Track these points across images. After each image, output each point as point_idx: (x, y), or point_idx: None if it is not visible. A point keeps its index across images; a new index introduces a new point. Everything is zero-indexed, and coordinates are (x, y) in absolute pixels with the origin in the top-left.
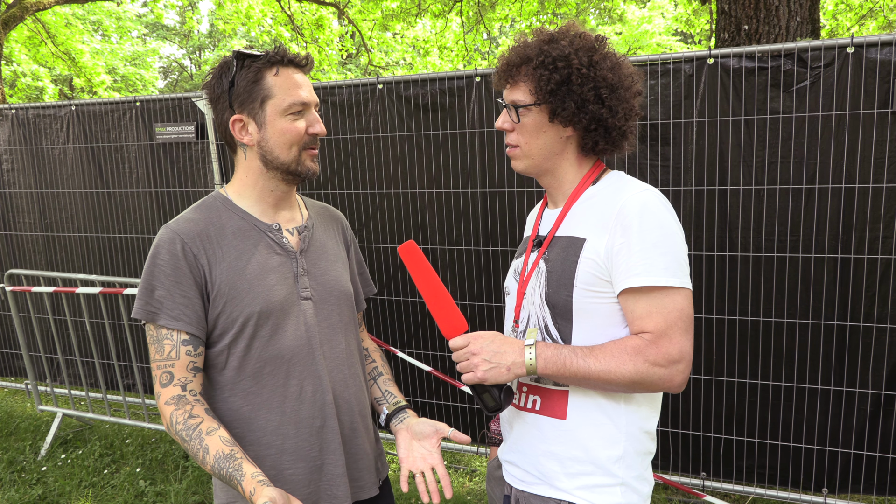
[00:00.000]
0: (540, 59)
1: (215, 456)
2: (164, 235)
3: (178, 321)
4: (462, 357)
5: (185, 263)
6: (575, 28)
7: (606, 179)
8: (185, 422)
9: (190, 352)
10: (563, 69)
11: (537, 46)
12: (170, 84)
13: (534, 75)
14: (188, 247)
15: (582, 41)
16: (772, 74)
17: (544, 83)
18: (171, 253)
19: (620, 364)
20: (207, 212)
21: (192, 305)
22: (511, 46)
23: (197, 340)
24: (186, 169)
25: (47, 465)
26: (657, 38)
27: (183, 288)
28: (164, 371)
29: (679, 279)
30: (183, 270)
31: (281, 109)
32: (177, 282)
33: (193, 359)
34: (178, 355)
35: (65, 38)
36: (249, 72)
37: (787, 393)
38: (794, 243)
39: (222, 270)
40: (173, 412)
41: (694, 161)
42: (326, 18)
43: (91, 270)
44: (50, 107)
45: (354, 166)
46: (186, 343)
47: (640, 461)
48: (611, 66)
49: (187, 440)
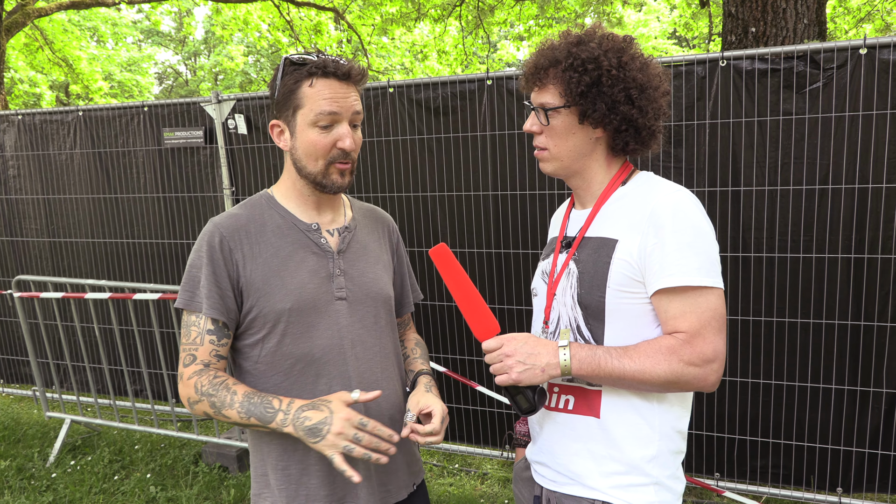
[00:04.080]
0: (569, 62)
1: (244, 394)
2: (207, 229)
3: (212, 310)
4: (496, 359)
5: (221, 256)
6: (602, 29)
7: (636, 180)
8: (211, 381)
9: (213, 340)
10: (592, 71)
11: (566, 49)
12: (165, 90)
13: (563, 78)
14: (226, 241)
15: (610, 42)
16: (784, 76)
17: (574, 85)
18: (209, 245)
19: (655, 364)
20: (251, 209)
21: (223, 296)
22: (537, 49)
23: (222, 330)
24: (195, 174)
25: (57, 472)
26: (653, 41)
27: (217, 279)
28: (188, 354)
29: (712, 279)
30: (218, 263)
31: (308, 120)
32: (212, 272)
33: (216, 347)
34: (202, 342)
35: (62, 44)
36: (290, 79)
37: (801, 392)
38: (807, 243)
39: (257, 266)
40: (197, 379)
41: (707, 162)
42: (324, 24)
43: (99, 276)
44: (57, 112)
45: (366, 170)
46: (211, 332)
47: (672, 460)
48: (640, 67)
49: (213, 394)
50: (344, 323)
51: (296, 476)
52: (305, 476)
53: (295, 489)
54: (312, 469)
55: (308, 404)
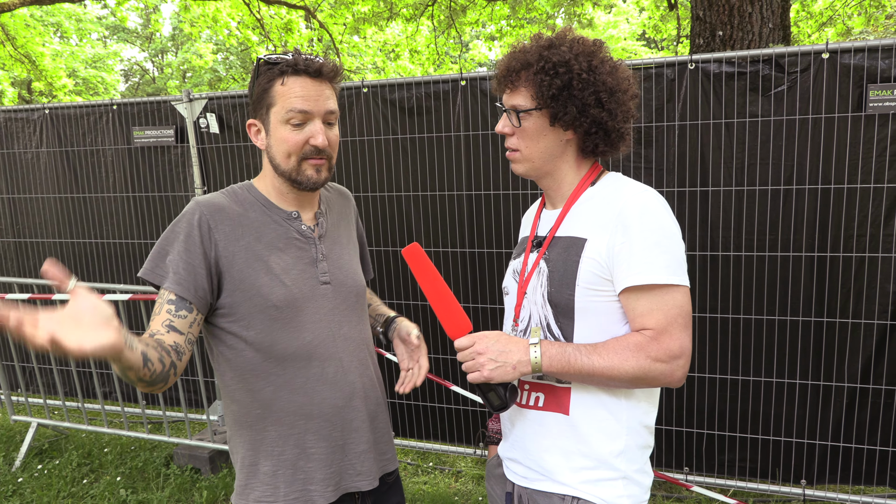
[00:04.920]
0: (540, 65)
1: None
2: (189, 207)
3: (178, 285)
4: (468, 357)
5: (199, 233)
6: (573, 33)
7: (605, 181)
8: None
9: (171, 310)
10: (563, 74)
11: (537, 52)
12: (131, 87)
13: (534, 80)
14: (205, 218)
15: (581, 46)
16: (750, 79)
17: (545, 88)
18: (188, 222)
19: (623, 360)
20: (233, 193)
21: (194, 274)
22: (510, 52)
23: (184, 304)
24: (166, 173)
25: (23, 477)
26: (622, 42)
27: (190, 255)
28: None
29: (679, 277)
30: (194, 239)
31: (280, 118)
32: (187, 249)
33: (172, 318)
34: (159, 311)
35: (24, 39)
36: (264, 79)
37: (766, 387)
38: (772, 242)
39: (239, 248)
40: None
41: (676, 163)
42: (295, 22)
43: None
44: (22, 110)
45: (339, 169)
46: (171, 303)
47: (640, 455)
48: (609, 70)
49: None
50: (330, 306)
51: (292, 460)
52: (302, 459)
53: (292, 473)
54: (309, 452)
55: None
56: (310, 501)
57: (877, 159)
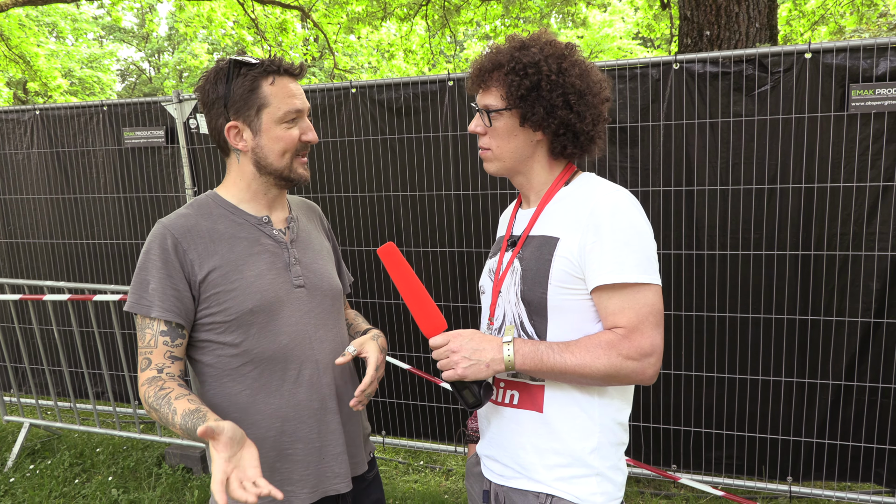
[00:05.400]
0: (511, 66)
1: (183, 413)
2: (156, 231)
3: (169, 313)
4: (442, 355)
5: (176, 258)
6: (547, 35)
7: (578, 181)
8: (156, 394)
9: (167, 342)
10: (533, 75)
11: (509, 53)
12: (128, 87)
13: (505, 81)
14: (179, 242)
15: (552, 48)
16: (734, 79)
17: (515, 89)
18: (161, 248)
19: (595, 358)
20: (199, 208)
21: (179, 297)
22: (484, 52)
23: (176, 331)
24: (156, 174)
25: (15, 477)
26: (618, 41)
27: (172, 280)
28: (143, 357)
29: (649, 276)
30: (173, 265)
31: (276, 118)
32: (168, 276)
33: (170, 349)
34: (156, 344)
35: (19, 40)
36: (246, 80)
37: (752, 385)
38: (757, 241)
39: (214, 263)
40: (146, 390)
41: (661, 162)
42: (290, 22)
43: (58, 277)
44: (13, 111)
45: (328, 170)
46: (164, 334)
47: (614, 451)
48: (579, 73)
49: (157, 409)
50: (305, 310)
51: (269, 462)
52: (280, 461)
53: (269, 475)
54: (287, 454)
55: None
56: (287, 503)
57: (859, 158)
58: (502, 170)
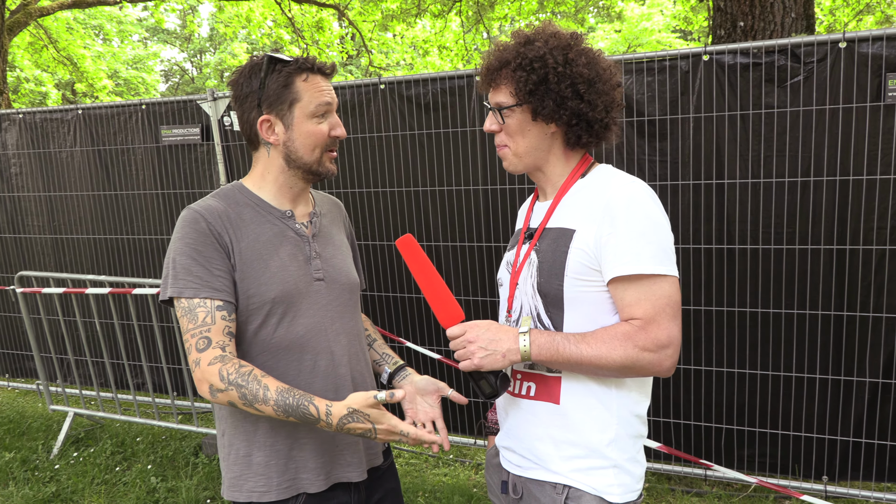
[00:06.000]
0: (517, 62)
1: (277, 390)
2: (187, 216)
3: (218, 292)
4: (459, 345)
5: (213, 238)
6: (551, 28)
7: (594, 173)
8: (238, 371)
9: (225, 317)
10: (539, 69)
11: (514, 49)
12: (171, 87)
13: (513, 77)
14: (212, 224)
15: (557, 40)
16: (766, 70)
17: (523, 84)
18: (197, 231)
19: (611, 350)
20: (225, 198)
21: (225, 277)
22: (489, 51)
23: (231, 307)
24: (192, 170)
25: (60, 464)
26: (656, 35)
27: (215, 262)
28: (200, 338)
29: (666, 267)
30: (212, 244)
31: (308, 112)
32: (208, 257)
33: (228, 323)
34: (213, 320)
35: (66, 42)
36: (280, 76)
37: (786, 382)
38: (790, 235)
39: (241, 250)
40: (221, 367)
41: (691, 156)
42: (327, 20)
43: (99, 271)
44: (57, 111)
45: (357, 165)
46: (221, 308)
47: (632, 444)
48: (586, 62)
49: (244, 385)
50: (323, 302)
51: (285, 451)
52: (294, 449)
53: (284, 463)
54: (301, 441)
55: (347, 415)
56: (300, 489)
57: None
58: (520, 166)
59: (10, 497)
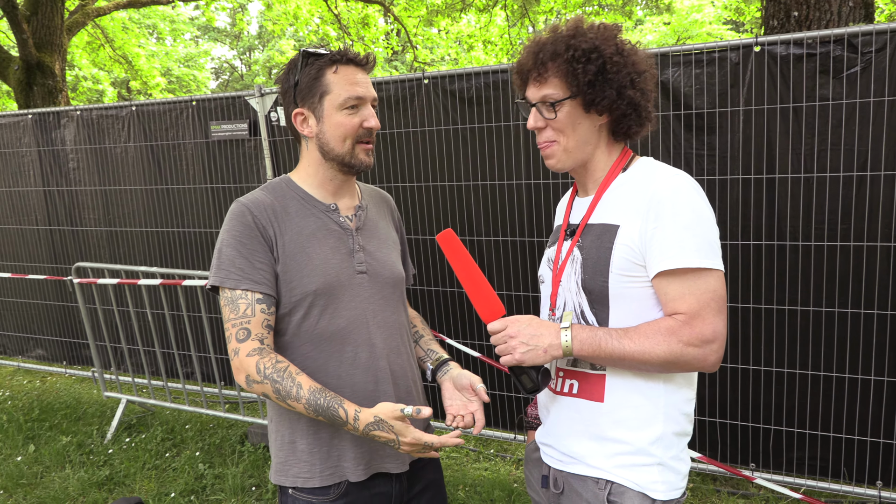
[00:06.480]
0: (570, 53)
1: (310, 389)
2: (235, 209)
3: (259, 284)
4: (500, 340)
5: (258, 232)
6: (588, 21)
7: (636, 166)
8: (275, 366)
9: (264, 310)
10: (596, 59)
11: (565, 41)
12: (221, 84)
13: (567, 69)
14: (257, 218)
15: (605, 30)
16: (821, 61)
17: (581, 75)
18: (243, 224)
19: (655, 345)
20: (272, 191)
21: (266, 270)
22: (530, 46)
23: (270, 300)
24: (240, 165)
25: (113, 448)
26: (707, 27)
27: (258, 255)
28: (240, 328)
29: (711, 261)
30: (256, 238)
31: (337, 104)
32: (252, 249)
33: (267, 317)
34: (253, 312)
35: (122, 42)
36: (312, 69)
37: (838, 384)
38: (844, 232)
39: (285, 243)
40: (259, 360)
41: (741, 150)
42: (372, 16)
43: (151, 263)
44: (112, 108)
45: (401, 160)
46: (261, 301)
47: (677, 442)
48: (631, 51)
49: (279, 381)
50: (365, 295)
51: (327, 439)
52: (336, 438)
53: (327, 451)
54: (342, 431)
55: (373, 423)
56: (343, 477)
57: None
58: (569, 162)
59: (66, 479)
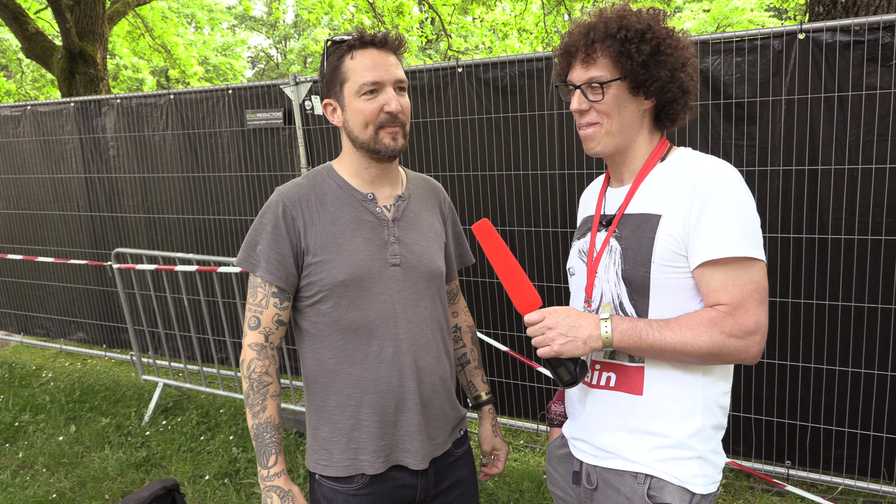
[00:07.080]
0: (622, 34)
1: (267, 418)
2: (273, 198)
3: (272, 275)
4: (537, 332)
5: (284, 225)
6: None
7: (675, 155)
8: (260, 377)
9: (277, 304)
10: (651, 40)
11: (616, 22)
12: (257, 73)
13: (620, 50)
14: (288, 210)
15: (653, 12)
16: (868, 48)
17: (635, 55)
18: (274, 214)
19: (697, 336)
20: (313, 179)
21: (284, 263)
22: (578, 27)
23: (284, 294)
24: (275, 153)
25: (150, 431)
26: (748, 14)
27: (279, 246)
28: (253, 315)
29: (755, 251)
30: (281, 231)
31: (354, 91)
32: (275, 240)
33: (279, 311)
34: (267, 304)
35: (161, 31)
36: (333, 58)
37: (879, 381)
38: (890, 225)
39: (317, 233)
40: (254, 359)
41: (782, 140)
42: (407, 5)
43: (188, 250)
44: (151, 96)
45: (434, 149)
46: (275, 295)
47: (714, 434)
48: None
49: (254, 390)
50: (397, 288)
51: (346, 430)
52: (356, 430)
53: (346, 442)
54: (363, 424)
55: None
56: (360, 470)
57: None
58: (611, 146)
59: (106, 459)
